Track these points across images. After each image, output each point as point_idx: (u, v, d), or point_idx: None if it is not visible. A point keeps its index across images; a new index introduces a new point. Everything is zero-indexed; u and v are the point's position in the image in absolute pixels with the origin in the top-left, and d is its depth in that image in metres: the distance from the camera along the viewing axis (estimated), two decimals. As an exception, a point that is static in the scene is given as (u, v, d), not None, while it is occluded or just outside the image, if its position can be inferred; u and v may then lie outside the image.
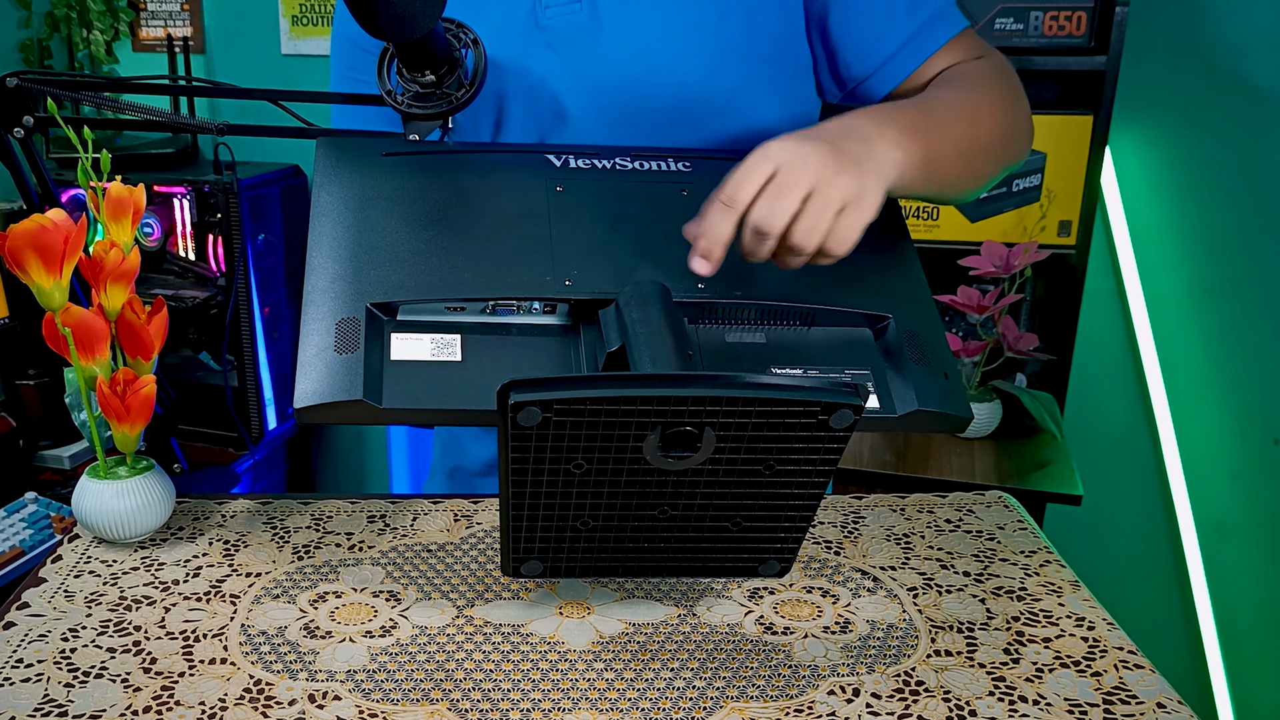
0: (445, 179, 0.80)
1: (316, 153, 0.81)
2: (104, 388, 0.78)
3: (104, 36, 2.46)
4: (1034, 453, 1.69)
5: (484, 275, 0.74)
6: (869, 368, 0.75)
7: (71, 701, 0.65)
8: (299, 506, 0.90)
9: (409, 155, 0.81)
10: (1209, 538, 2.02)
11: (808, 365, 0.74)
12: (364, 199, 0.78)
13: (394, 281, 0.73)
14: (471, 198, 0.79)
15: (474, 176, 0.81)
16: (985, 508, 0.92)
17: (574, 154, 0.84)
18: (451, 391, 0.70)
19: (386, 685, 0.67)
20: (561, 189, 0.80)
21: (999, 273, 1.60)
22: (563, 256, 0.76)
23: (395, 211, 0.77)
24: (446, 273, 0.74)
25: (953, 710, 0.66)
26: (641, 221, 0.79)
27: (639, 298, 0.72)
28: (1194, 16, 1.84)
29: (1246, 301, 1.91)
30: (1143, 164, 1.92)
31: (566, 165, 0.82)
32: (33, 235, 0.75)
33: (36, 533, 1.84)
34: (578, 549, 0.69)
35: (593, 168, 0.82)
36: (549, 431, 0.60)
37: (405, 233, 0.76)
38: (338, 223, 0.76)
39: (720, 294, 0.74)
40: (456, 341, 0.73)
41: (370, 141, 0.83)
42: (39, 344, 0.84)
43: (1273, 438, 1.94)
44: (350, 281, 0.73)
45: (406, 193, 0.79)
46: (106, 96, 0.95)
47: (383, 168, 0.80)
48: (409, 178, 0.80)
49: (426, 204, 0.78)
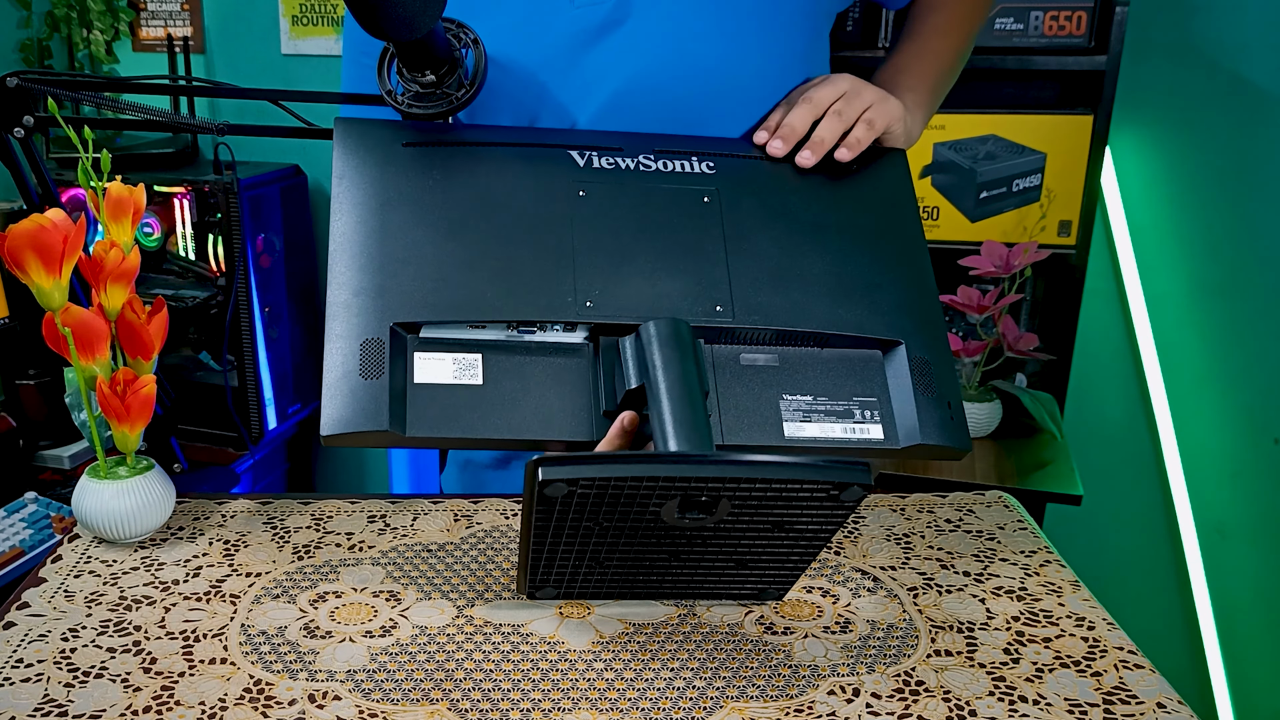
0: (466, 180, 0.80)
1: (335, 136, 0.81)
2: (104, 388, 0.78)
3: (104, 36, 2.46)
4: (1034, 453, 1.69)
5: (507, 294, 0.75)
6: (876, 395, 0.78)
7: (71, 701, 0.65)
8: (299, 506, 0.90)
9: (429, 147, 0.81)
10: (1209, 538, 2.02)
11: (816, 393, 0.77)
12: (384, 200, 0.78)
13: (417, 299, 0.74)
14: (493, 202, 0.79)
15: (495, 177, 0.80)
16: (985, 508, 0.92)
17: (597, 149, 0.83)
18: (474, 419, 0.73)
19: (386, 685, 0.67)
20: (584, 193, 0.80)
21: (999, 272, 1.60)
22: (585, 273, 0.77)
23: (416, 218, 0.77)
24: (470, 290, 0.75)
25: (953, 710, 0.66)
26: (664, 235, 0.79)
27: (660, 338, 0.73)
28: (1194, 16, 1.84)
29: (1246, 301, 1.91)
30: (1143, 164, 1.92)
31: (589, 164, 0.82)
32: (33, 235, 0.75)
33: (36, 533, 1.84)
34: (591, 580, 0.73)
35: (615, 168, 0.82)
36: (573, 501, 0.64)
37: (427, 243, 0.76)
38: (359, 227, 0.76)
39: (739, 320, 0.77)
40: (478, 364, 0.74)
41: (389, 128, 0.82)
42: (39, 344, 0.84)
43: (1273, 438, 1.94)
44: (374, 296, 0.73)
45: (427, 195, 0.78)
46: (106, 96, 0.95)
47: (403, 162, 0.79)
48: (429, 176, 0.79)
49: (447, 209, 0.78)
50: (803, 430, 0.76)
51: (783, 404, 0.76)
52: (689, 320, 0.75)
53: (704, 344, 0.77)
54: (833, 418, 0.76)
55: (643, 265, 0.78)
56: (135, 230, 0.84)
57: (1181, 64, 1.86)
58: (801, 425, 0.76)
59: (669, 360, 0.72)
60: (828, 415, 0.76)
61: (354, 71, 0.96)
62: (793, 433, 0.75)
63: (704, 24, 0.89)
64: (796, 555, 0.71)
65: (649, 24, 0.88)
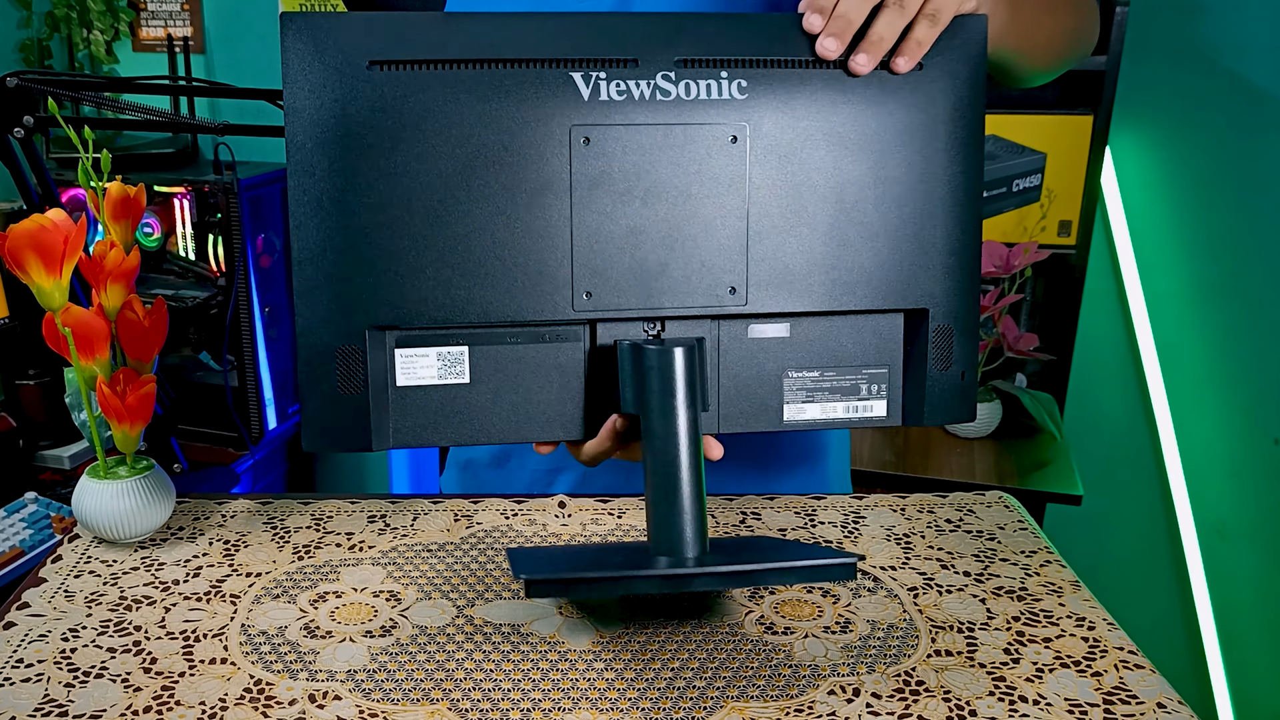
0: (446, 127, 0.67)
1: (283, 41, 0.66)
2: (104, 388, 0.78)
3: (104, 36, 2.46)
4: (1034, 453, 1.69)
5: (493, 289, 0.68)
6: (887, 365, 0.74)
7: (72, 701, 0.65)
8: (299, 506, 0.90)
9: (400, 69, 0.66)
10: (1209, 538, 2.02)
11: (825, 366, 0.73)
12: (349, 163, 0.66)
13: (394, 298, 0.67)
14: (479, 160, 0.67)
15: (481, 121, 0.67)
16: (985, 508, 0.93)
17: (605, 68, 0.67)
18: (460, 424, 0.70)
19: (386, 685, 0.67)
20: (588, 140, 0.68)
21: (999, 273, 1.60)
22: (583, 257, 0.69)
23: (388, 188, 0.66)
24: (452, 286, 0.68)
25: (953, 710, 0.66)
26: (678, 198, 0.69)
27: (661, 372, 0.68)
28: (1194, 16, 1.84)
29: (1246, 301, 1.91)
30: (1143, 164, 1.92)
31: (596, 94, 0.67)
32: (33, 235, 0.75)
33: (36, 533, 1.84)
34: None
35: (627, 97, 0.67)
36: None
37: (402, 226, 0.67)
38: (324, 205, 0.66)
39: (752, 305, 0.71)
40: (465, 359, 0.70)
41: (348, 30, 0.66)
42: (39, 344, 0.84)
43: (1273, 438, 1.94)
44: (345, 297, 0.67)
45: (399, 155, 0.66)
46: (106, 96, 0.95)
47: (369, 94, 0.66)
48: (401, 122, 0.66)
49: (424, 176, 0.67)
50: (803, 413, 0.74)
51: (786, 382, 0.73)
52: (696, 309, 0.70)
53: (711, 322, 0.72)
54: (837, 395, 0.74)
55: (651, 242, 0.69)
56: (135, 230, 0.84)
57: (1181, 64, 1.86)
58: (803, 407, 0.74)
59: (667, 411, 0.67)
60: (832, 393, 0.74)
61: None
62: (792, 416, 0.74)
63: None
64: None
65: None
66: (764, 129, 0.69)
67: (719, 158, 0.69)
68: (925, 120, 0.71)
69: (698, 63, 0.69)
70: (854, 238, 0.71)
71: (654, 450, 0.68)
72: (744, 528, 0.88)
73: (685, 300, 0.70)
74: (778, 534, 0.87)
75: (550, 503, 0.92)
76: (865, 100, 0.70)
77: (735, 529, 0.88)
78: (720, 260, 0.70)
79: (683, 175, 0.69)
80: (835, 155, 0.70)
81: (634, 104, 0.68)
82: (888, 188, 0.71)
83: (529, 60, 0.67)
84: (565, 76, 0.67)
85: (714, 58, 0.69)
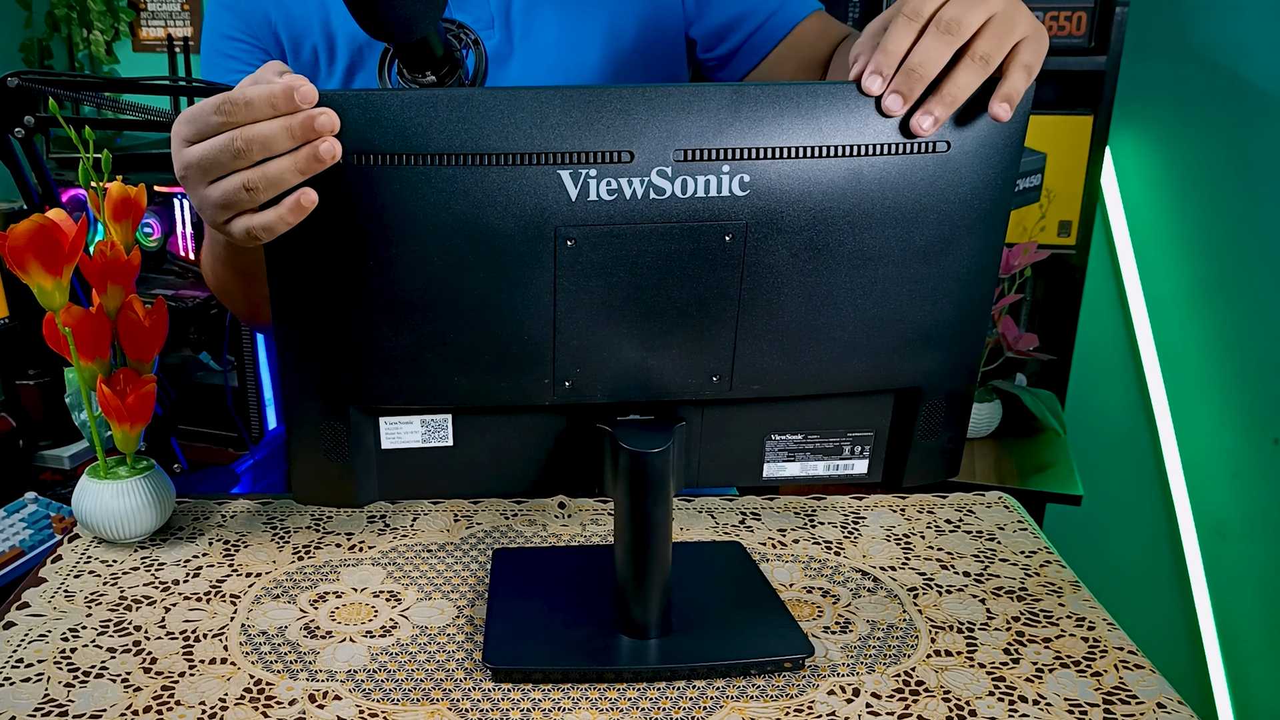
0: (426, 224, 0.61)
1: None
2: (104, 388, 0.78)
3: (104, 36, 2.46)
4: (1034, 453, 1.69)
5: (475, 379, 0.66)
6: (873, 431, 0.72)
7: (72, 701, 0.65)
8: (299, 507, 0.90)
9: (380, 166, 0.60)
10: (1209, 538, 2.02)
11: (808, 430, 0.72)
12: (329, 254, 0.62)
13: (376, 385, 0.65)
14: (461, 260, 0.62)
15: (466, 221, 0.61)
16: (985, 508, 0.93)
17: (597, 164, 0.61)
18: (445, 480, 0.71)
19: (386, 685, 0.67)
20: (572, 243, 0.62)
21: (999, 273, 1.60)
22: (565, 349, 0.65)
23: (370, 282, 0.62)
24: (433, 375, 0.65)
25: (953, 710, 0.66)
26: (666, 295, 0.64)
27: (630, 469, 0.67)
28: (1194, 16, 1.84)
29: (1246, 301, 1.91)
30: (1143, 164, 1.92)
31: (585, 193, 0.61)
32: (33, 235, 0.75)
33: (36, 533, 1.84)
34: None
35: (618, 196, 0.61)
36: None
37: (384, 316, 0.63)
38: (304, 293, 0.63)
39: (736, 391, 0.68)
40: (448, 425, 0.69)
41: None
42: (39, 344, 0.84)
43: (1273, 438, 1.94)
44: (330, 380, 0.66)
45: (380, 251, 0.62)
46: (107, 96, 0.95)
47: (349, 185, 0.60)
48: (380, 215, 0.61)
49: (406, 270, 0.62)
50: (783, 470, 0.73)
51: (769, 444, 0.72)
52: (678, 394, 0.67)
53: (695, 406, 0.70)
54: (819, 455, 0.72)
55: (635, 334, 0.65)
56: (135, 230, 0.84)
57: (1181, 64, 1.86)
58: (783, 465, 0.72)
59: (639, 510, 0.68)
60: (815, 453, 0.72)
61: (212, 60, 0.95)
62: (772, 473, 0.73)
63: (577, 52, 0.91)
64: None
65: (530, 52, 0.92)
66: (762, 227, 0.63)
67: (712, 256, 0.64)
68: (948, 203, 0.64)
69: (697, 155, 0.61)
70: (851, 331, 0.67)
71: (624, 540, 0.69)
72: (744, 528, 0.88)
73: (668, 389, 0.68)
74: (777, 533, 0.87)
75: (550, 503, 0.92)
76: (881, 185, 0.63)
77: (735, 529, 0.88)
78: (706, 353, 0.66)
79: (673, 274, 0.64)
80: (842, 249, 0.64)
81: (624, 203, 0.62)
82: (897, 281, 0.66)
83: (516, 155, 0.60)
84: (553, 176, 0.61)
85: (715, 148, 0.61)
